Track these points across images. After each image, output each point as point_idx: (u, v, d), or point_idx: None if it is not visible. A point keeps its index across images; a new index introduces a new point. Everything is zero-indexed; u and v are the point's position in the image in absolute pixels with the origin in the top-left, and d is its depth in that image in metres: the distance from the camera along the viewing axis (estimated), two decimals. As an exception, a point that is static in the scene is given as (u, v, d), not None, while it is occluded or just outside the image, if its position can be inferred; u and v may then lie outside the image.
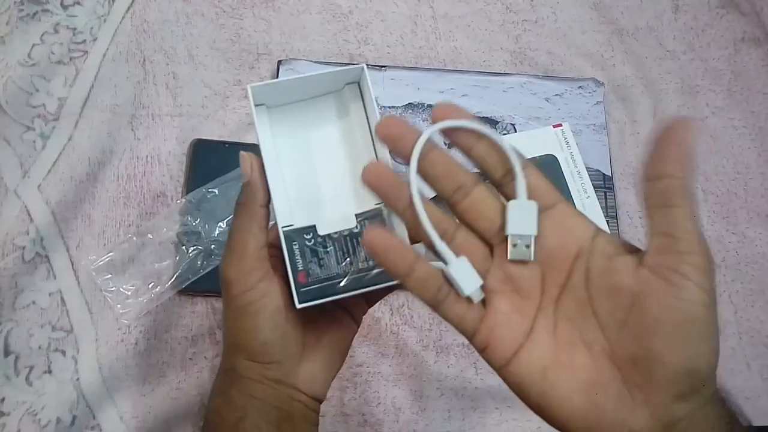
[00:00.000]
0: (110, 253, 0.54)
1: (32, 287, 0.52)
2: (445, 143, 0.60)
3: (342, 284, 0.35)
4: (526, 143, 0.59)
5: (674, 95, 0.69)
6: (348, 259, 0.36)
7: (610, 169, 0.64)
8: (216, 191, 0.56)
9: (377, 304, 0.57)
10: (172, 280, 0.54)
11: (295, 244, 0.35)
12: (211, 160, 0.57)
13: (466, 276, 0.30)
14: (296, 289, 0.34)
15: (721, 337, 0.27)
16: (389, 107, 0.62)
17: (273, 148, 0.37)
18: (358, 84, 0.39)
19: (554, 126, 0.61)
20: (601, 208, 0.61)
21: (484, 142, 0.31)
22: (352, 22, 0.66)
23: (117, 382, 0.51)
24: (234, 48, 0.63)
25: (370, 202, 0.37)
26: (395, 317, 0.57)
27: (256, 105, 0.36)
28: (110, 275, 0.53)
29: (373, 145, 0.38)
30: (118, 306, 0.53)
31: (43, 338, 0.51)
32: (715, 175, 0.67)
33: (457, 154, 0.32)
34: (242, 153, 0.35)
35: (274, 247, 0.36)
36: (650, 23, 0.72)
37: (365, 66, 0.36)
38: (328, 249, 0.35)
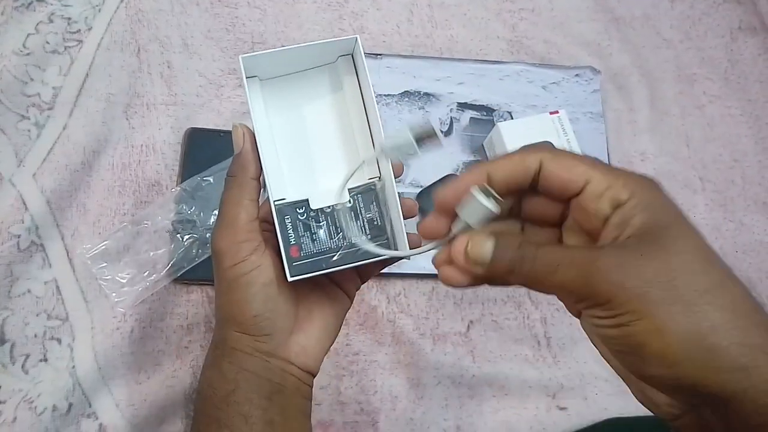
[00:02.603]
0: (105, 242, 0.54)
1: (27, 276, 0.52)
2: (441, 131, 0.59)
3: (334, 258, 0.35)
4: (522, 130, 0.59)
5: (671, 84, 0.69)
6: (340, 233, 0.35)
7: (608, 157, 0.63)
8: (211, 179, 0.56)
9: (374, 292, 0.57)
10: (168, 268, 0.53)
11: (287, 218, 0.35)
12: (206, 149, 0.57)
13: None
14: (288, 262, 0.34)
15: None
16: (385, 95, 0.62)
17: (266, 121, 0.37)
18: (352, 57, 0.38)
19: (551, 113, 0.61)
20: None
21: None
22: (348, 11, 0.66)
23: (112, 370, 0.51)
24: (229, 37, 0.63)
25: (362, 177, 0.36)
26: (392, 305, 0.57)
27: (248, 77, 0.35)
28: (105, 264, 0.53)
29: (367, 119, 0.38)
30: (114, 294, 0.53)
31: (38, 326, 0.51)
32: (712, 163, 0.67)
33: (455, 142, 0.31)
34: (235, 123, 0.35)
35: (266, 222, 0.36)
36: (647, 12, 0.72)
37: (358, 37, 0.36)
38: (321, 223, 0.35)
